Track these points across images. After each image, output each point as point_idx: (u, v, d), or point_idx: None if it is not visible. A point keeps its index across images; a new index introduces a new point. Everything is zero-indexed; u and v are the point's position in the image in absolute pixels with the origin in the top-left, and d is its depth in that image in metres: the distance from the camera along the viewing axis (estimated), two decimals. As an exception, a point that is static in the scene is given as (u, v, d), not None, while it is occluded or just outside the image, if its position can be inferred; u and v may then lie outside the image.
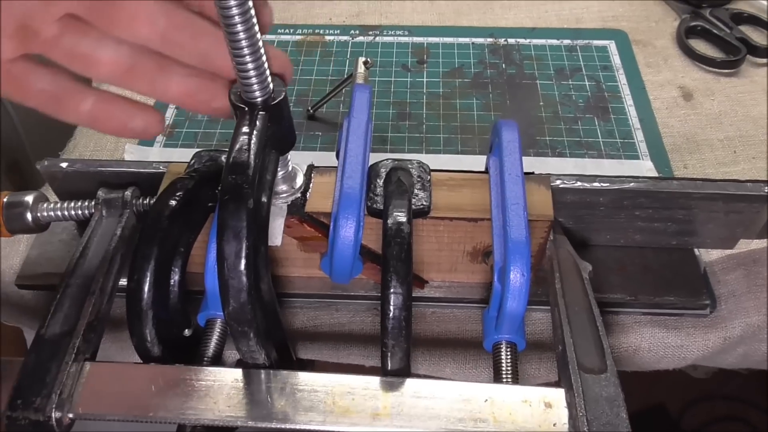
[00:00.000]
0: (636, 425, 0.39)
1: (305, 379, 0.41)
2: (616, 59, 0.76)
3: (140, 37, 0.38)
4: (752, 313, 0.54)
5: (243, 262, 0.37)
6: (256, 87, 0.40)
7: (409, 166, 0.50)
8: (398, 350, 0.41)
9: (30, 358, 0.41)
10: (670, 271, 0.55)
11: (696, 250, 0.56)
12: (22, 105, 0.39)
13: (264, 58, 0.39)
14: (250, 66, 0.38)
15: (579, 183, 0.51)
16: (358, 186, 0.46)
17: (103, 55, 0.38)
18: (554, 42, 0.79)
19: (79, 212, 0.52)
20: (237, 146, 0.39)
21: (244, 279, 0.37)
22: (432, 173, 0.50)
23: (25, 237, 0.60)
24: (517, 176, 0.46)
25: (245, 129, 0.40)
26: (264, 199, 0.42)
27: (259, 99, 0.41)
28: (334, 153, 0.54)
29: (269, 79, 0.41)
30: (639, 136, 0.67)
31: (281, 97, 0.41)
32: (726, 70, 0.74)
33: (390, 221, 0.43)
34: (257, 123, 0.40)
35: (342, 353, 0.55)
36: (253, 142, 0.39)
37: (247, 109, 0.41)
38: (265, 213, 0.42)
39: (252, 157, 0.39)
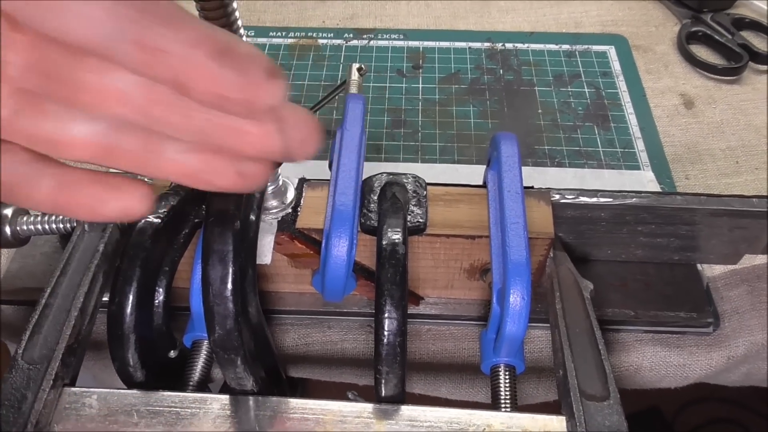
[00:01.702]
0: (630, 427, 0.38)
1: (295, 405, 0.40)
2: (616, 65, 0.74)
3: (116, 116, 0.31)
4: (756, 332, 0.52)
5: (229, 287, 0.35)
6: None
7: (405, 180, 0.48)
8: (393, 377, 0.39)
9: (5, 385, 0.39)
10: (672, 288, 0.54)
11: (698, 265, 0.55)
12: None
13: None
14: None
15: (580, 198, 0.49)
16: (351, 203, 0.44)
17: (75, 135, 0.31)
18: (553, 47, 0.77)
19: (61, 226, 0.50)
20: (223, 164, 0.37)
21: (231, 305, 0.35)
22: (428, 187, 0.48)
23: (4, 250, 0.58)
24: (516, 193, 0.44)
25: (232, 145, 0.38)
26: (252, 218, 0.40)
27: (247, 113, 0.39)
28: (327, 163, 0.52)
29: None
30: (640, 145, 0.66)
31: (270, 110, 0.39)
32: (727, 77, 0.72)
33: (384, 241, 0.41)
34: (245, 139, 0.38)
35: (334, 372, 0.53)
36: (240, 159, 0.37)
37: (234, 123, 0.39)
38: (253, 233, 0.40)
39: (239, 175, 0.37)
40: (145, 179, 0.35)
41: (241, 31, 0.36)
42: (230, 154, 0.33)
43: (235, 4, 0.34)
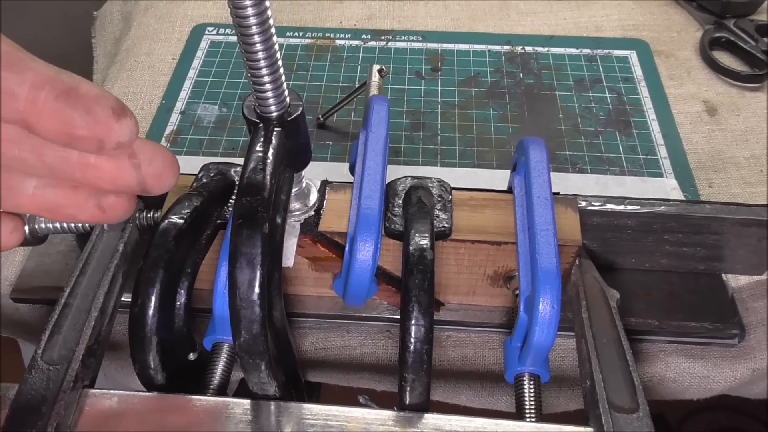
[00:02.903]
0: None
1: (318, 412, 0.39)
2: (637, 70, 0.74)
3: None
4: (783, 344, 0.51)
5: (257, 291, 0.34)
6: (272, 101, 0.38)
7: (430, 184, 0.47)
8: (418, 385, 0.38)
9: (25, 386, 0.38)
10: (696, 298, 0.53)
11: (723, 275, 0.54)
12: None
13: (281, 70, 0.37)
14: (266, 79, 0.36)
15: (607, 205, 0.48)
16: (377, 206, 0.43)
17: None
18: (573, 51, 0.76)
19: (79, 225, 0.49)
20: (251, 165, 0.37)
21: (258, 309, 0.34)
22: (453, 192, 0.48)
23: (21, 248, 0.58)
24: (546, 199, 0.43)
25: (260, 147, 0.37)
26: (278, 221, 0.39)
27: (274, 114, 0.38)
28: (347, 165, 0.52)
29: (286, 92, 0.38)
30: (662, 152, 0.65)
31: (298, 112, 0.39)
32: (751, 84, 0.71)
33: (412, 247, 0.41)
34: (273, 140, 0.38)
35: (352, 377, 0.52)
36: (268, 161, 0.37)
37: (261, 124, 0.38)
38: (280, 236, 0.39)
39: (268, 177, 0.36)
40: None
41: (272, 30, 0.35)
42: (89, 189, 0.34)
43: (267, 7, 0.34)
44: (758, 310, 0.53)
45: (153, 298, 0.39)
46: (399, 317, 0.39)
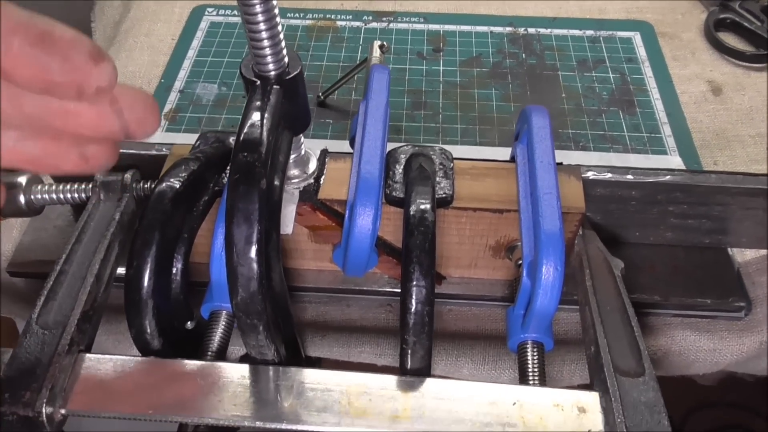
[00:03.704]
0: None
1: (318, 377, 0.38)
2: (641, 51, 0.73)
3: None
4: (790, 318, 0.50)
5: (254, 248, 0.34)
6: (270, 59, 0.37)
7: (431, 152, 0.47)
8: (420, 348, 0.38)
9: (20, 349, 0.38)
10: (702, 272, 0.52)
11: (729, 249, 0.53)
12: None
13: (280, 27, 0.36)
14: (264, 35, 0.35)
15: (611, 175, 0.48)
16: (377, 171, 0.43)
17: None
18: (576, 32, 0.76)
19: (76, 195, 0.49)
20: (249, 122, 0.36)
21: (255, 266, 0.34)
22: (455, 161, 0.47)
23: (18, 222, 0.57)
24: (549, 164, 0.42)
25: (257, 104, 0.37)
26: (277, 182, 0.38)
27: (272, 72, 0.38)
28: (347, 141, 0.51)
29: (284, 50, 0.38)
30: (666, 130, 0.64)
31: (297, 72, 0.38)
32: (757, 64, 0.71)
33: (413, 209, 0.40)
34: (270, 98, 0.37)
35: (353, 351, 0.51)
36: (266, 118, 0.36)
37: (259, 83, 0.38)
38: (278, 197, 0.38)
39: (265, 134, 0.36)
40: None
41: (276, 10, 0.34)
42: (70, 138, 0.33)
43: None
44: (765, 284, 0.52)
45: (149, 261, 0.39)
46: (399, 290, 0.39)
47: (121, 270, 0.44)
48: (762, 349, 0.50)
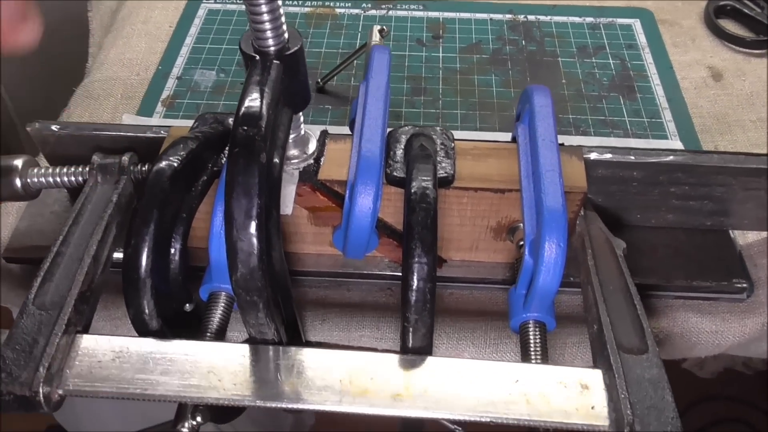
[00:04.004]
0: None
1: (318, 356, 0.38)
2: (641, 38, 0.73)
3: None
4: (792, 299, 0.50)
5: (254, 222, 0.33)
6: (269, 34, 0.37)
7: (432, 133, 0.46)
8: (421, 326, 0.37)
9: (16, 329, 0.37)
10: (704, 254, 0.52)
11: (731, 232, 0.53)
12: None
13: (279, 1, 0.36)
14: (263, 8, 0.35)
15: (612, 155, 0.47)
16: (378, 150, 0.42)
17: None
18: (576, 19, 0.75)
19: (72, 178, 0.48)
20: (248, 96, 0.36)
21: (255, 241, 0.33)
22: (456, 142, 0.47)
23: (14, 208, 0.56)
24: (551, 142, 0.42)
25: (257, 78, 0.36)
26: (276, 159, 0.38)
27: (272, 48, 0.37)
28: (347, 126, 0.51)
29: (285, 26, 0.37)
30: (667, 116, 0.64)
31: (297, 47, 0.38)
32: (757, 50, 0.70)
33: (414, 186, 0.40)
34: (271, 73, 0.37)
35: (353, 335, 0.51)
36: (266, 92, 0.36)
37: (259, 58, 0.37)
38: (278, 173, 0.38)
39: (265, 108, 0.35)
40: None
41: None
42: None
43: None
44: (766, 266, 0.52)
45: (147, 239, 0.38)
46: (400, 274, 0.38)
47: (118, 255, 0.43)
48: (764, 331, 0.50)
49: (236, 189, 0.33)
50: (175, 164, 0.40)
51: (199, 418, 0.38)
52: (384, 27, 0.58)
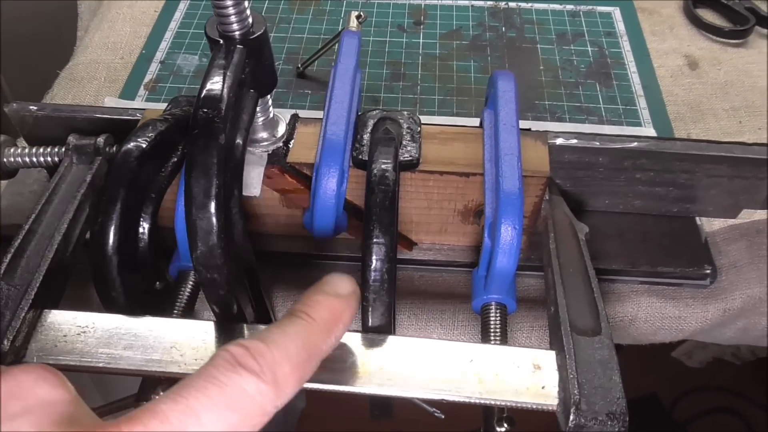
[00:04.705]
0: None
1: (279, 334, 0.39)
2: (620, 26, 0.73)
3: None
4: (754, 285, 0.51)
5: (213, 202, 0.34)
6: (233, 19, 0.37)
7: (399, 117, 0.47)
8: (379, 304, 0.38)
9: (-17, 303, 0.38)
10: (670, 240, 0.53)
11: (698, 219, 0.54)
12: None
13: (242, -14, 0.36)
14: (227, -7, 0.36)
15: (577, 141, 0.48)
16: (343, 133, 0.43)
17: None
18: (557, 6, 0.76)
19: (48, 158, 0.49)
20: (210, 80, 0.37)
21: (214, 220, 0.34)
22: (423, 126, 0.47)
23: (-6, 188, 0.57)
24: (512, 126, 0.43)
25: (220, 62, 0.37)
26: (239, 141, 0.39)
27: (237, 32, 0.38)
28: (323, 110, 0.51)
29: (248, 11, 0.38)
30: (642, 103, 0.65)
31: (261, 32, 0.39)
32: (733, 40, 0.71)
33: (375, 168, 0.40)
34: (234, 57, 0.38)
35: (324, 316, 0.52)
36: (227, 76, 0.37)
37: (223, 42, 0.38)
38: (240, 154, 0.39)
39: (226, 91, 0.36)
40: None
41: None
42: None
43: None
44: (731, 252, 0.53)
45: (114, 217, 0.39)
46: (361, 254, 0.39)
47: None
48: (726, 317, 0.51)
49: (195, 169, 0.34)
50: (143, 145, 0.41)
51: (161, 392, 0.39)
52: (362, 13, 0.59)
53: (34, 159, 0.49)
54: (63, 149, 0.49)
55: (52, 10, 1.02)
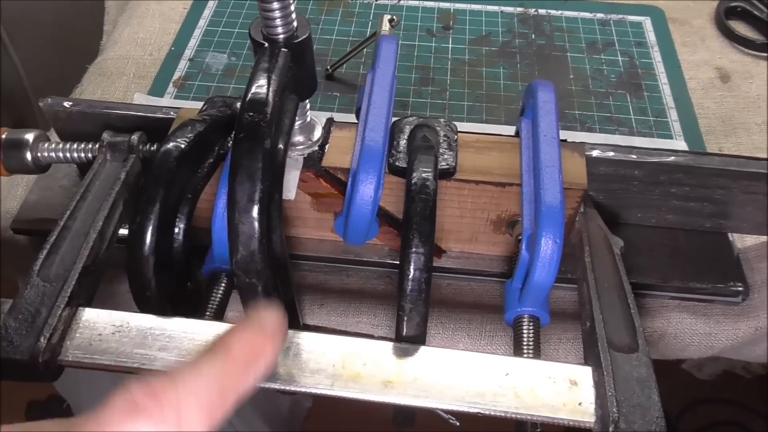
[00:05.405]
0: None
1: (313, 340, 0.38)
2: (651, 36, 0.73)
3: None
4: (786, 303, 0.51)
5: (256, 206, 0.34)
6: (279, 22, 0.37)
7: (436, 124, 0.47)
8: (416, 315, 0.38)
9: (20, 299, 0.38)
10: (701, 255, 0.52)
11: (730, 235, 0.53)
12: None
13: (290, -10, 0.36)
14: (274, -3, 0.36)
15: (614, 153, 0.48)
16: (381, 140, 0.43)
17: None
18: (587, 15, 0.75)
19: (82, 155, 0.49)
20: (256, 83, 0.36)
21: (256, 225, 0.34)
22: (459, 134, 0.47)
23: (24, 181, 0.57)
24: (552, 138, 0.43)
25: (265, 65, 0.37)
26: (281, 145, 0.39)
27: (281, 36, 0.38)
28: (354, 113, 0.51)
29: (293, 15, 0.38)
30: (673, 115, 0.64)
31: (305, 36, 0.39)
32: (765, 53, 0.70)
33: (415, 176, 0.40)
34: (278, 60, 0.37)
35: (351, 321, 0.52)
36: (273, 79, 0.36)
37: (267, 45, 0.38)
38: (281, 159, 0.39)
39: (271, 95, 0.36)
40: None
41: None
42: None
43: None
44: (764, 270, 0.52)
45: (152, 217, 0.39)
46: (399, 262, 0.39)
47: (124, 231, 0.44)
48: (757, 335, 0.51)
49: (240, 173, 0.34)
50: (182, 145, 0.41)
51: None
52: (394, 16, 0.59)
53: (68, 155, 0.49)
54: (97, 146, 0.49)
55: (72, 6, 1.02)
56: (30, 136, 0.49)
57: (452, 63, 0.69)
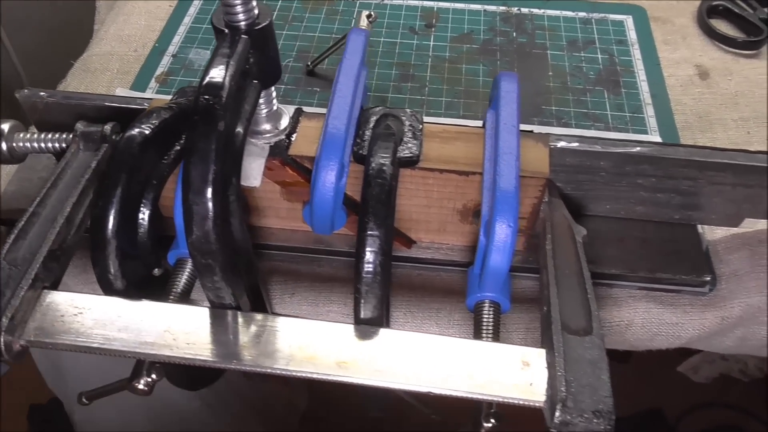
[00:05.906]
0: (630, 428, 0.37)
1: (273, 323, 0.39)
2: (632, 34, 0.73)
3: None
4: (753, 294, 0.51)
5: (210, 187, 0.35)
6: (239, 9, 0.38)
7: (401, 114, 0.47)
8: (372, 297, 0.38)
9: (-16, 282, 0.39)
10: (670, 247, 0.52)
11: (700, 227, 0.54)
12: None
13: (249, -24, 0.37)
14: (232, -17, 0.36)
15: (579, 144, 0.48)
16: (344, 127, 0.43)
17: None
18: (569, 14, 0.76)
19: (57, 144, 0.50)
20: (213, 68, 0.37)
21: (210, 205, 0.35)
22: (425, 125, 0.48)
23: (3, 173, 0.58)
24: (512, 126, 0.43)
25: (224, 51, 0.38)
26: (240, 129, 0.39)
27: (242, 23, 0.39)
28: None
29: (254, 2, 0.38)
30: (649, 111, 0.65)
31: (266, 23, 0.39)
32: (746, 51, 0.71)
33: (373, 162, 0.41)
34: (237, 47, 0.38)
35: (321, 310, 0.52)
36: (230, 64, 0.37)
37: (228, 32, 0.39)
38: (240, 143, 0.39)
39: (228, 79, 0.36)
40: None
41: None
42: None
43: None
44: (732, 261, 0.53)
45: (114, 201, 0.40)
46: (356, 246, 0.39)
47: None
48: (724, 325, 0.51)
49: (193, 154, 0.35)
50: (146, 132, 0.42)
51: (154, 375, 0.39)
52: (373, 13, 0.59)
53: (43, 144, 0.50)
54: (71, 136, 0.49)
55: (72, 6, 1.03)
56: (5, 127, 0.50)
57: (433, 60, 0.70)
